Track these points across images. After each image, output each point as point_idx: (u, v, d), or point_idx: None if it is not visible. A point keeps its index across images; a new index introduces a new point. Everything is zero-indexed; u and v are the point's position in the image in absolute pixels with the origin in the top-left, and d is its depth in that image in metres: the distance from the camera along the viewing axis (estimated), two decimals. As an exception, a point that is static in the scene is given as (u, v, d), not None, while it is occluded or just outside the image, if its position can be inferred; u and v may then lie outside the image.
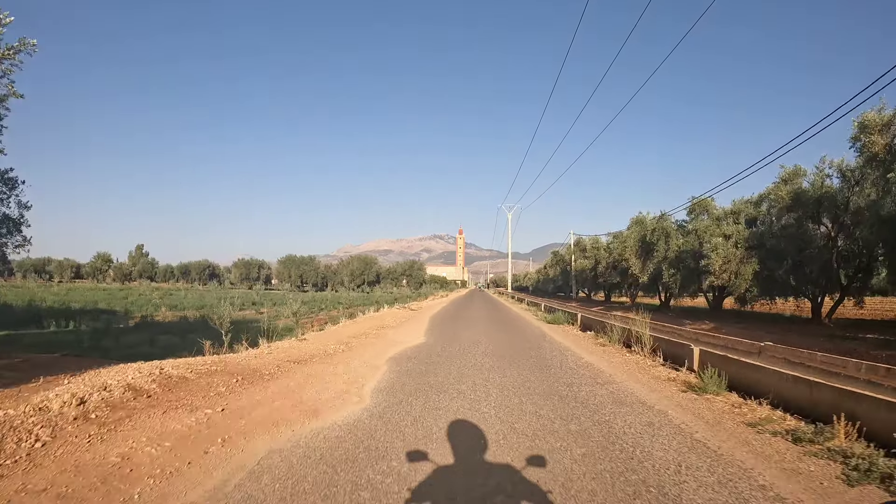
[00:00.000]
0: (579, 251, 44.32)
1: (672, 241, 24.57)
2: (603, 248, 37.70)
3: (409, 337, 10.18)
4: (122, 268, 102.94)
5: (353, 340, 9.38)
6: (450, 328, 11.99)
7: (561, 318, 13.81)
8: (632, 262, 25.50)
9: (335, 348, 8.26)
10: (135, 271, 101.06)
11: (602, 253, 37.07)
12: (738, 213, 23.04)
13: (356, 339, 9.57)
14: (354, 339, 9.55)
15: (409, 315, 16.82)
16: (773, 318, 24.07)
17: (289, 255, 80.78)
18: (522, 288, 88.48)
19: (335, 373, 6.19)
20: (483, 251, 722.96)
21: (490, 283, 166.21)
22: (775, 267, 18.95)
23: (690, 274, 24.28)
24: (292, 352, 7.64)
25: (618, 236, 35.59)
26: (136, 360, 5.76)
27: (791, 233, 18.25)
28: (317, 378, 5.80)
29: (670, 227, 24.59)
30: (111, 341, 11.59)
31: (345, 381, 5.70)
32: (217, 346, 7.62)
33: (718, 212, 24.13)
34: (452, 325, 13.01)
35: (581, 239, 45.79)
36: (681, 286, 24.39)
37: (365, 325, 12.47)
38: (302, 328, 13.45)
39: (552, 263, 56.18)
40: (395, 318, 14.78)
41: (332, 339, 9.64)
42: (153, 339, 11.79)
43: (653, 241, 24.39)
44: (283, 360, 6.73)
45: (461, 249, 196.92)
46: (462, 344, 9.00)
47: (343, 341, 9.24)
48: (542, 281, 69.22)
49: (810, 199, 18.04)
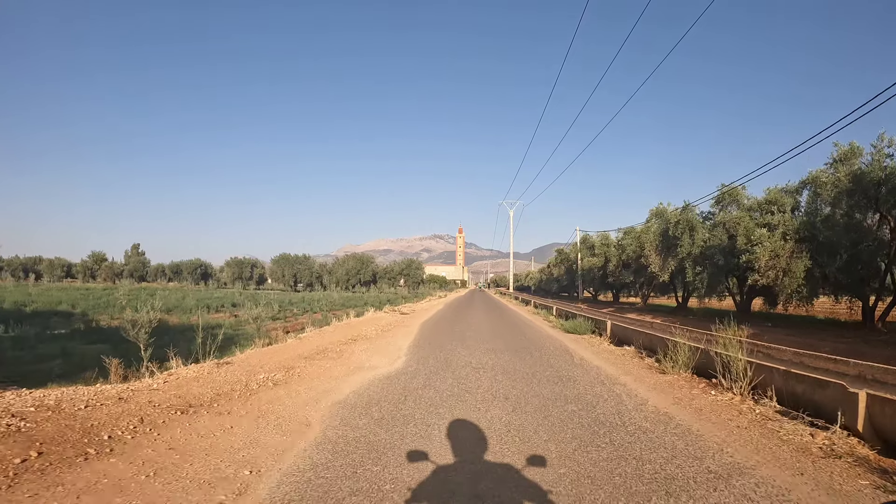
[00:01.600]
0: (586, 249, 41.49)
1: (697, 235, 21.76)
2: (613, 245, 34.86)
3: (382, 358, 7.35)
4: (114, 267, 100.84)
5: (300, 365, 6.57)
6: (442, 342, 9.15)
7: (582, 325, 10.98)
8: (651, 258, 22.67)
9: (262, 381, 5.45)
10: (126, 271, 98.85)
11: (612, 250, 34.23)
12: (774, 203, 20.20)
13: (305, 362, 6.75)
14: (303, 362, 6.73)
15: (396, 321, 14.01)
16: (810, 321, 21.32)
17: (282, 253, 78.02)
18: (524, 288, 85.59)
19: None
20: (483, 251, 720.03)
21: (490, 283, 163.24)
22: (828, 263, 16.14)
23: (718, 272, 21.48)
24: (187, 389, 4.83)
25: (629, 232, 32.77)
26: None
27: (847, 223, 15.46)
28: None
29: (696, 219, 21.76)
30: (28, 352, 9.26)
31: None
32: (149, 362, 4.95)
33: (750, 201, 21.31)
34: (446, 336, 10.16)
35: (588, 236, 42.96)
36: (707, 286, 21.57)
37: (334, 336, 9.68)
38: (263, 336, 10.75)
39: (556, 262, 53.32)
40: (376, 326, 11.98)
41: (275, 359, 6.85)
42: (80, 349, 9.51)
43: (676, 235, 21.55)
44: (146, 408, 3.92)
45: (461, 249, 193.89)
46: (456, 373, 6.15)
47: (286, 365, 6.44)
48: (546, 281, 66.36)
49: (870, 182, 15.21)
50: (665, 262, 22.43)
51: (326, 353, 7.70)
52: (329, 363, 6.79)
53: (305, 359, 7.08)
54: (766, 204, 20.37)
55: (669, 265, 22.66)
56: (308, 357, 7.22)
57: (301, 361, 6.82)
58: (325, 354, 7.51)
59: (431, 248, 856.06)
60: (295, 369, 6.23)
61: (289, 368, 6.26)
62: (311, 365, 6.59)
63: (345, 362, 6.89)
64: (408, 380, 5.66)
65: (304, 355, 7.36)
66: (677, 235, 21.27)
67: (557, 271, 52.79)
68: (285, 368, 6.24)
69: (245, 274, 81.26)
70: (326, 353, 7.61)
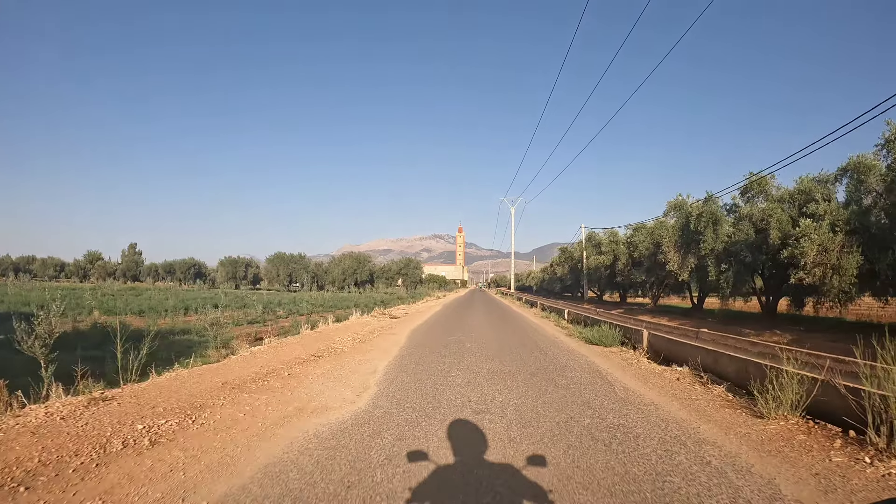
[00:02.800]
0: (591, 247, 39.34)
1: (721, 230, 19.64)
2: (622, 242, 32.74)
3: (343, 389, 5.19)
4: (107, 267, 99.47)
5: (218, 401, 4.42)
6: (432, 361, 6.94)
7: (608, 335, 8.83)
8: (670, 255, 20.53)
9: (127, 441, 3.33)
10: (118, 270, 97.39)
11: (621, 248, 32.12)
12: (804, 193, 18.10)
13: (229, 396, 4.60)
14: (225, 396, 4.58)
15: (382, 327, 11.89)
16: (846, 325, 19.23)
17: (277, 252, 75.87)
18: (525, 288, 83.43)
19: None
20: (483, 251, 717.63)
21: (490, 283, 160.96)
22: (879, 258, 14.02)
23: (745, 270, 19.38)
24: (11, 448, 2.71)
25: (639, 229, 30.69)
26: None
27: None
28: None
29: (719, 211, 19.63)
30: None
31: None
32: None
33: (781, 192, 19.20)
34: (439, 351, 7.95)
35: (593, 234, 40.79)
36: (733, 285, 19.45)
37: (294, 351, 7.54)
38: (220, 346, 8.76)
39: (560, 261, 51.13)
40: (355, 335, 9.85)
41: (193, 388, 4.74)
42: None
43: (698, 230, 19.42)
44: None
45: (461, 248, 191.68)
46: (448, 421, 3.94)
47: (197, 402, 4.31)
48: (548, 280, 64.21)
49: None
50: (684, 259, 20.34)
51: (270, 377, 5.56)
52: (263, 398, 4.64)
53: (235, 388, 4.94)
54: (799, 194, 18.25)
55: (689, 263, 20.57)
56: (240, 385, 5.08)
57: (224, 394, 4.68)
58: (266, 381, 5.38)
59: (431, 248, 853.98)
60: (204, 410, 4.10)
61: (196, 408, 4.13)
62: (233, 401, 4.45)
63: (286, 396, 4.74)
64: (369, 437, 3.51)
65: (238, 382, 5.23)
66: (699, 230, 19.16)
67: (561, 270, 50.64)
68: (192, 408, 4.12)
69: (239, 274, 79.16)
70: (269, 379, 5.47)
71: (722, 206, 20.12)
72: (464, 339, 9.45)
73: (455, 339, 9.30)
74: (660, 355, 7.48)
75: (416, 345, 8.59)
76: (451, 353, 7.57)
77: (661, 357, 7.23)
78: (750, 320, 21.27)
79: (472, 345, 8.63)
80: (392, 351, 7.85)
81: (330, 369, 6.16)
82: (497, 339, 9.53)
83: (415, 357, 7.22)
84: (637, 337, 8.22)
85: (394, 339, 9.48)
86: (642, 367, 6.73)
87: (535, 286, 78.78)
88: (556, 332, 11.00)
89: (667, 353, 7.16)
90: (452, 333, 10.47)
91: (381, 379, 5.62)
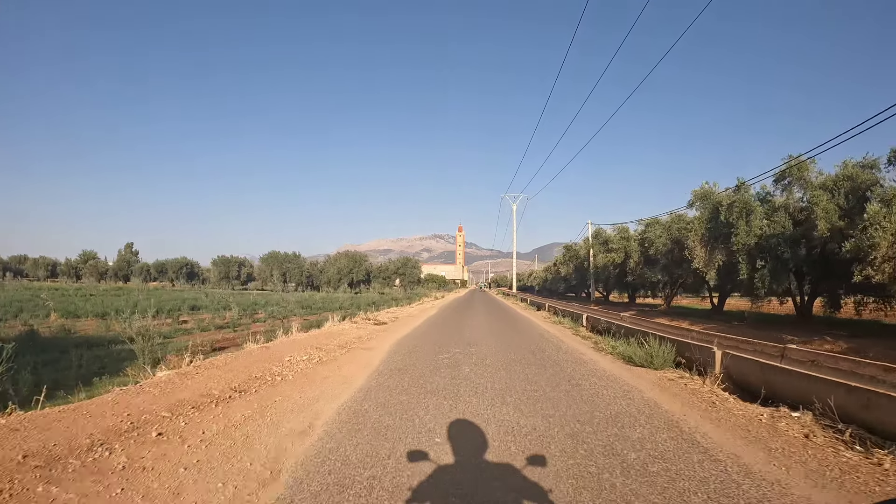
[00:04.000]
0: (598, 244, 36.98)
1: (754, 222, 17.29)
2: (634, 238, 30.36)
3: (218, 487, 2.80)
4: (98, 266, 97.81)
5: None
6: (407, 409, 4.47)
7: (659, 353, 6.46)
8: (696, 251, 18.14)
9: None
10: (110, 270, 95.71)
11: (633, 245, 29.73)
12: (850, 179, 15.80)
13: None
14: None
15: (359, 338, 9.50)
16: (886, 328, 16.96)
17: (271, 251, 73.48)
18: (527, 288, 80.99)
19: None
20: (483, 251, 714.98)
21: (490, 283, 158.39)
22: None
23: (782, 267, 17.02)
24: None
25: (653, 224, 28.32)
26: None
27: None
28: None
29: (753, 201, 17.26)
30: None
31: None
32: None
33: (823, 178, 16.83)
34: (421, 384, 5.34)
35: (600, 230, 38.41)
36: (769, 284, 17.09)
37: (212, 380, 5.19)
38: (148, 362, 6.55)
39: (564, 260, 48.66)
40: (315, 353, 7.44)
41: None
42: None
43: (730, 221, 17.05)
44: None
45: (461, 247, 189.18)
46: None
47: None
48: (551, 280, 61.80)
49: None
50: (712, 255, 17.99)
51: (114, 443, 3.21)
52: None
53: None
54: (845, 180, 15.91)
55: (716, 259, 18.22)
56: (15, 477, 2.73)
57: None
58: (95, 455, 3.02)
59: (432, 248, 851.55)
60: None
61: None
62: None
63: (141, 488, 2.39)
64: None
65: (44, 458, 2.88)
66: (731, 221, 16.80)
67: (565, 270, 48.22)
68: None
69: (232, 273, 76.76)
70: (104, 452, 3.11)
71: (755, 195, 17.76)
72: (460, 358, 7.04)
73: (448, 360, 6.90)
74: (742, 386, 5.14)
75: (394, 369, 6.18)
76: (441, 387, 5.15)
77: (744, 387, 4.87)
78: (785, 324, 18.93)
79: (472, 370, 6.24)
80: (354, 381, 5.46)
81: (235, 423, 3.77)
82: (506, 359, 7.11)
83: (384, 394, 4.83)
84: (703, 357, 5.85)
85: (366, 358, 7.08)
86: (731, 409, 4.36)
87: (538, 286, 76.35)
88: (580, 346, 8.59)
89: (759, 383, 4.80)
90: (446, 349, 8.08)
91: (311, 450, 3.25)
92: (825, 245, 15.78)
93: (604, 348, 7.99)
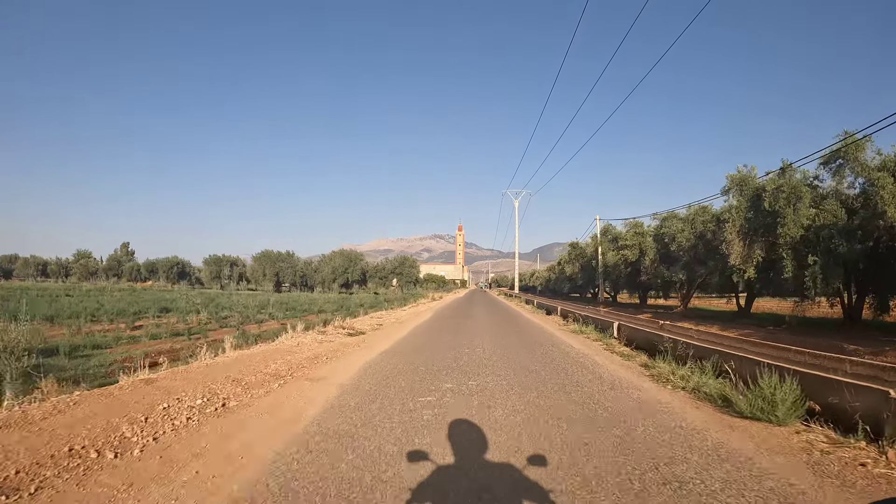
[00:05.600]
0: (608, 242, 34.42)
1: (801, 211, 14.72)
2: (648, 234, 27.80)
3: None
4: (88, 266, 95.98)
5: None
6: None
7: (783, 399, 3.88)
8: (734, 246, 15.55)
9: None
10: (100, 270, 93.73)
11: (648, 241, 27.17)
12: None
13: None
14: None
15: (317, 357, 6.92)
16: None
17: (264, 250, 70.85)
18: (529, 288, 78.34)
19: None
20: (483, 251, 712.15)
21: (491, 283, 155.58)
22: None
23: (835, 263, 14.44)
24: None
25: (670, 218, 25.76)
26: None
27: None
28: None
29: (801, 185, 14.66)
30: None
31: None
32: None
33: (883, 159, 14.24)
34: (377, 477, 2.86)
35: (609, 227, 35.84)
36: (820, 283, 14.50)
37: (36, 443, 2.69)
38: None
39: (569, 258, 46.02)
40: (240, 386, 4.88)
41: None
42: None
43: (775, 209, 14.48)
44: None
45: (461, 247, 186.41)
46: None
47: None
48: (555, 280, 59.16)
49: None
50: (751, 249, 15.43)
51: None
52: None
53: None
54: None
55: (755, 254, 15.65)
56: None
57: None
58: None
59: (432, 248, 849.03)
60: None
61: None
62: None
63: None
64: None
65: None
66: (778, 209, 14.24)
67: (571, 269, 45.57)
68: None
69: (224, 273, 74.08)
70: None
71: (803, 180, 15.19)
72: (451, 405, 4.43)
73: (431, 411, 4.28)
74: None
75: (334, 432, 3.61)
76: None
77: None
78: (831, 329, 16.38)
79: (471, 429, 3.68)
80: (221, 489, 2.86)
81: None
82: (523, 402, 4.50)
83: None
84: (866, 404, 3.28)
85: (304, 400, 4.47)
86: None
87: (540, 286, 73.73)
88: (628, 374, 5.93)
89: None
90: (434, 379, 5.47)
91: None
92: (892, 236, 13.24)
93: (665, 377, 5.39)
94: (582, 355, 7.53)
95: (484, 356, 7.21)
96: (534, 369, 6.23)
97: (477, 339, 9.37)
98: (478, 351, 7.77)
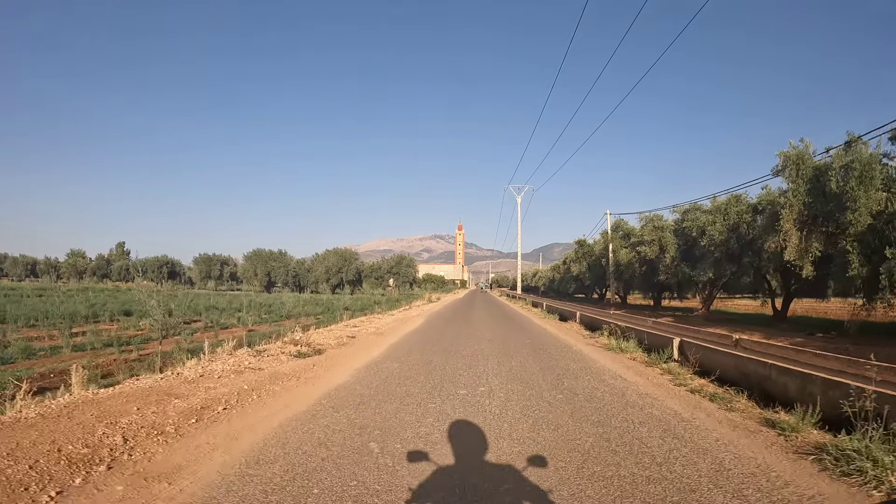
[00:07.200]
0: (619, 238, 31.68)
1: (871, 195, 11.97)
2: (668, 229, 25.05)
3: None
4: (78, 265, 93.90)
5: None
6: None
7: None
8: (791, 237, 12.78)
9: None
10: (89, 269, 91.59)
11: (668, 237, 24.41)
12: None
13: None
14: None
15: (214, 403, 4.20)
16: None
17: (255, 249, 68.00)
18: (531, 288, 75.52)
19: None
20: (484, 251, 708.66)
21: (492, 284, 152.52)
22: None
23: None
24: None
25: (692, 210, 23.03)
26: None
27: None
28: None
29: (877, 164, 11.91)
30: None
31: None
32: None
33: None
34: None
35: (621, 222, 33.07)
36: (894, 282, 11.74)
37: None
38: None
39: (576, 257, 43.20)
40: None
41: None
42: None
43: (845, 191, 11.73)
44: None
45: (460, 246, 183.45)
46: None
47: None
48: (560, 280, 56.33)
49: None
50: (808, 241, 12.68)
51: None
52: None
53: None
54: None
55: (813, 247, 12.90)
56: None
57: None
58: None
59: (432, 248, 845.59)
60: None
61: None
62: None
63: None
64: None
65: None
66: (847, 191, 11.49)
67: (577, 268, 42.77)
68: None
69: (214, 272, 71.29)
70: None
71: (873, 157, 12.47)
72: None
73: None
74: None
75: None
76: None
77: None
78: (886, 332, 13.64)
79: None
80: None
81: None
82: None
83: None
84: None
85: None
86: None
87: (543, 286, 70.90)
88: (752, 453, 3.18)
89: None
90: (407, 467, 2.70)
91: None
92: None
93: (826, 464, 2.62)
94: (674, 416, 4.11)
95: (492, 409, 4.31)
96: (600, 456, 3.31)
97: (479, 366, 6.50)
98: (481, 401, 4.78)
